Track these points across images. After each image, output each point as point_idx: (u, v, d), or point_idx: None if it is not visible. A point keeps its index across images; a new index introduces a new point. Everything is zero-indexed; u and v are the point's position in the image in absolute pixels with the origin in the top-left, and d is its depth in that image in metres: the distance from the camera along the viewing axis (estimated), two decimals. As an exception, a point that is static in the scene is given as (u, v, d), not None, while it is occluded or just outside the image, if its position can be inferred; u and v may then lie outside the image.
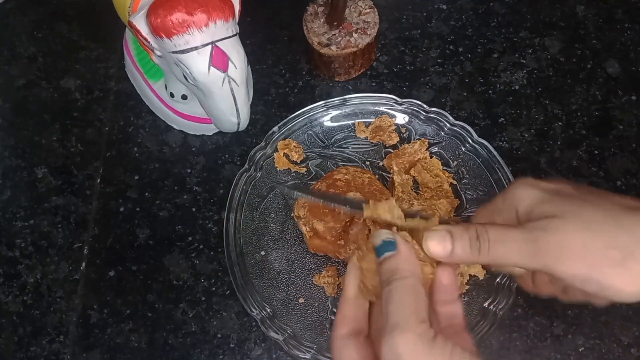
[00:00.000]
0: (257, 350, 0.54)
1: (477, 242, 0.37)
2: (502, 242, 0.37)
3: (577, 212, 0.37)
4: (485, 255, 0.37)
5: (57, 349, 0.54)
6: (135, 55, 0.62)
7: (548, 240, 0.36)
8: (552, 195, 0.38)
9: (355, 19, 0.62)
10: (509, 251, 0.37)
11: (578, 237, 0.36)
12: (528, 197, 0.39)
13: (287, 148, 0.59)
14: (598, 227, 0.36)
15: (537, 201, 0.38)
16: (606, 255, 0.36)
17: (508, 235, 0.37)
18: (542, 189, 0.39)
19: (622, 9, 0.68)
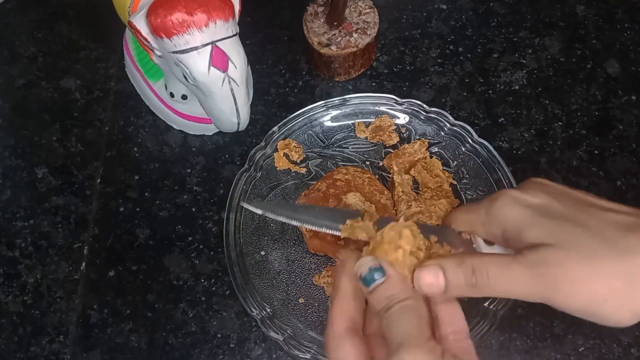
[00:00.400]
0: (257, 350, 0.54)
1: (473, 277, 0.37)
2: (502, 277, 0.37)
3: (574, 241, 0.37)
4: (484, 291, 0.37)
5: (57, 349, 0.54)
6: (135, 55, 0.62)
7: (556, 276, 0.36)
8: (540, 216, 0.38)
9: (355, 19, 0.62)
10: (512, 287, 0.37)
11: (580, 271, 0.36)
12: (516, 218, 0.38)
13: (287, 148, 0.59)
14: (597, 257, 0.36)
15: (527, 223, 0.38)
16: (607, 286, 0.36)
17: (510, 271, 0.37)
18: (529, 207, 0.38)
19: (622, 9, 0.68)
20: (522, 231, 0.38)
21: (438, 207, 0.54)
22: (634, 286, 0.36)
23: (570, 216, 0.38)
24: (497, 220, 0.39)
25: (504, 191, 0.40)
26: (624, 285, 0.36)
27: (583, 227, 0.37)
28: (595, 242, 0.36)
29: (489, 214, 0.40)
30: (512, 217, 0.39)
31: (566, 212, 0.38)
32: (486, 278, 0.36)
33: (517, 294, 0.37)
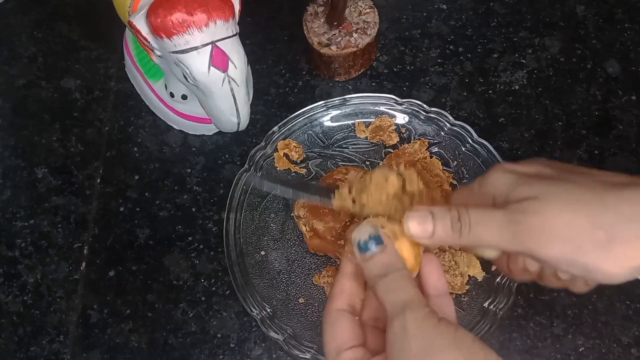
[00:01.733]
0: (257, 350, 0.54)
1: (458, 222, 0.37)
2: (483, 224, 0.36)
3: (557, 193, 0.36)
4: (466, 237, 0.37)
5: (57, 349, 0.54)
6: (135, 55, 0.62)
7: (530, 222, 0.35)
8: (529, 178, 0.37)
9: (355, 19, 0.62)
10: (489, 233, 0.36)
11: (561, 218, 0.35)
12: (505, 182, 0.38)
13: (287, 148, 0.59)
14: (581, 207, 0.35)
15: (514, 184, 0.37)
16: (591, 236, 0.35)
17: (489, 216, 0.37)
18: (519, 172, 0.38)
19: (622, 9, 0.68)
20: (509, 192, 0.37)
21: None
22: (619, 237, 0.34)
23: (560, 177, 0.37)
24: (487, 188, 0.39)
25: (497, 164, 0.40)
26: (608, 236, 0.34)
27: (571, 183, 0.36)
28: (579, 194, 0.36)
29: (481, 184, 0.39)
30: (501, 181, 0.38)
31: (557, 174, 0.37)
32: (468, 223, 0.36)
33: (497, 241, 0.36)
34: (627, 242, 0.35)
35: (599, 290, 0.55)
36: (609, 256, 0.35)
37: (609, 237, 0.34)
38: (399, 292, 0.36)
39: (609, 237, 0.34)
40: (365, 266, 0.38)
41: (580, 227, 0.35)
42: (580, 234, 0.35)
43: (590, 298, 0.55)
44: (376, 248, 0.37)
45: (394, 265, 0.37)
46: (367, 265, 0.38)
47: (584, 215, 0.35)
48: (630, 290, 0.55)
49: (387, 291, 0.36)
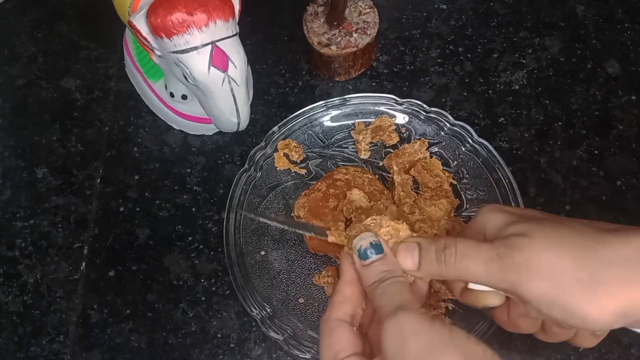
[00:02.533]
0: (257, 350, 0.54)
1: (443, 254, 0.37)
2: (469, 256, 0.37)
3: (545, 231, 0.36)
4: (452, 268, 0.37)
5: (57, 349, 0.54)
6: (135, 55, 0.62)
7: (515, 258, 0.36)
8: (520, 217, 0.38)
9: (355, 19, 0.62)
10: (474, 265, 0.37)
11: (546, 256, 0.35)
12: (496, 220, 0.39)
13: (287, 148, 0.59)
14: (567, 247, 0.35)
15: (505, 223, 0.38)
16: (574, 276, 0.35)
17: (476, 248, 0.37)
18: (510, 212, 0.39)
19: (622, 9, 0.68)
20: (500, 230, 0.38)
21: (438, 206, 0.55)
22: (601, 280, 0.34)
23: (551, 219, 0.38)
24: (479, 226, 0.40)
25: (486, 205, 0.41)
26: (590, 278, 0.34)
27: (559, 224, 0.37)
28: (565, 234, 0.36)
29: (472, 226, 0.41)
30: (492, 220, 0.39)
31: (548, 217, 0.38)
32: (454, 256, 0.37)
33: (480, 274, 0.37)
34: (608, 286, 0.34)
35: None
36: (590, 298, 0.34)
37: (590, 279, 0.34)
38: (394, 296, 0.37)
39: (591, 279, 0.34)
40: (363, 272, 0.39)
41: (564, 266, 0.35)
42: (564, 274, 0.35)
43: (590, 298, 0.55)
44: (376, 256, 0.39)
45: (392, 272, 0.38)
46: (366, 271, 0.39)
47: (569, 255, 0.35)
48: (630, 290, 0.55)
49: (383, 295, 0.37)
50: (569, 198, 0.58)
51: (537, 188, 0.59)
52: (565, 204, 0.58)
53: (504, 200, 0.55)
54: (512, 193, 0.55)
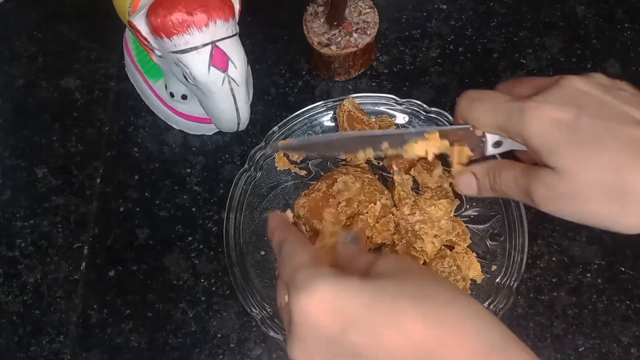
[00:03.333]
0: (257, 350, 0.54)
1: (494, 183, 0.43)
2: (508, 186, 0.42)
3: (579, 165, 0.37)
4: (501, 194, 0.43)
5: (57, 349, 0.54)
6: (135, 55, 0.62)
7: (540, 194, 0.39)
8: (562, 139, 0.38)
9: (355, 18, 0.62)
10: (513, 194, 0.42)
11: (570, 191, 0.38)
12: (539, 138, 0.39)
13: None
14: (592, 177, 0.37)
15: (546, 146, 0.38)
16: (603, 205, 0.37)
17: (513, 179, 0.41)
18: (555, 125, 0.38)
19: (622, 9, 0.68)
20: (541, 153, 0.39)
21: (438, 206, 0.54)
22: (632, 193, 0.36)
23: (593, 134, 0.38)
24: (523, 135, 0.40)
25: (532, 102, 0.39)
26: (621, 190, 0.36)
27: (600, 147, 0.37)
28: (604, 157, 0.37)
29: (516, 125, 0.40)
30: (536, 136, 0.39)
31: (591, 130, 0.38)
32: (500, 184, 0.42)
33: (519, 199, 0.42)
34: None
35: (598, 290, 0.55)
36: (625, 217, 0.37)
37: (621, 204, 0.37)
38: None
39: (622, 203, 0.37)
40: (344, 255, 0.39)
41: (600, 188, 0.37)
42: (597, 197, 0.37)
43: (590, 298, 0.55)
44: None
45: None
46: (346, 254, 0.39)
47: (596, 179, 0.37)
48: (630, 290, 0.55)
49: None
50: (569, 198, 0.58)
51: (537, 188, 0.59)
52: (565, 204, 0.58)
53: (503, 200, 0.55)
54: (512, 193, 0.55)
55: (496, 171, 0.42)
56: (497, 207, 0.56)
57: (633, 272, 0.55)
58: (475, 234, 0.56)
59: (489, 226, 0.56)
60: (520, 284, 0.53)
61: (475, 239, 0.56)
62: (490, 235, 0.56)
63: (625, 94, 0.40)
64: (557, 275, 0.56)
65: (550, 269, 0.56)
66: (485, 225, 0.56)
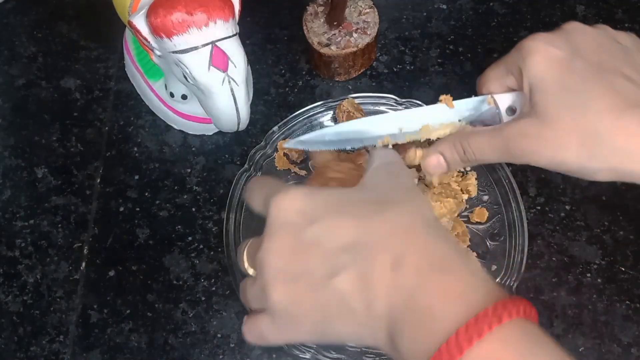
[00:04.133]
0: (257, 350, 0.54)
1: (464, 155, 0.44)
2: (483, 151, 0.43)
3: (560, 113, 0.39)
4: (474, 161, 0.44)
5: (57, 349, 0.54)
6: (135, 55, 0.62)
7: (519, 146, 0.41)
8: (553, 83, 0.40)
9: (355, 18, 0.62)
10: (489, 157, 0.43)
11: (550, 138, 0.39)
12: (537, 69, 0.40)
13: (287, 148, 0.59)
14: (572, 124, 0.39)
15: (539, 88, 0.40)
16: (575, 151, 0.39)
17: (487, 143, 0.42)
18: (555, 61, 0.40)
19: (622, 9, 0.68)
20: (533, 89, 0.40)
21: (443, 204, 0.54)
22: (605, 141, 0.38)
23: (583, 78, 0.39)
24: (522, 67, 0.41)
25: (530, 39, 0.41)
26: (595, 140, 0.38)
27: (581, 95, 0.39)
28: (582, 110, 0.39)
29: (518, 57, 0.42)
30: (533, 71, 0.40)
31: (582, 74, 0.39)
32: (471, 153, 0.43)
33: (492, 158, 0.43)
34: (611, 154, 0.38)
35: (598, 290, 0.55)
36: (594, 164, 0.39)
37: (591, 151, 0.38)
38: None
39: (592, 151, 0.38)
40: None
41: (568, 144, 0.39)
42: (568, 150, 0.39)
43: (590, 298, 0.55)
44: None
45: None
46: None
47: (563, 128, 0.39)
48: (630, 290, 0.55)
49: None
50: (569, 198, 0.58)
51: (537, 188, 0.59)
52: (565, 204, 0.58)
53: (503, 200, 0.55)
54: (512, 193, 0.55)
55: (463, 141, 0.43)
56: (497, 207, 0.56)
57: (633, 272, 0.55)
58: (475, 234, 0.56)
59: (489, 226, 0.56)
60: (520, 284, 0.53)
61: (475, 239, 0.55)
62: (490, 235, 0.56)
63: (623, 49, 0.42)
64: (557, 275, 0.56)
65: (550, 269, 0.56)
66: (485, 225, 0.56)
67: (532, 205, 0.58)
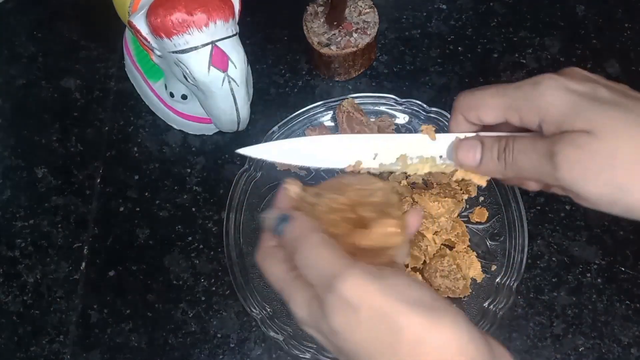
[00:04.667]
0: (257, 350, 0.54)
1: (504, 153, 0.36)
2: (524, 154, 0.35)
3: (611, 127, 0.33)
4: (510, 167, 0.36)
5: (57, 349, 0.54)
6: (135, 55, 0.62)
7: (567, 155, 0.33)
8: (586, 103, 0.34)
9: (355, 18, 0.62)
10: (528, 165, 0.35)
11: (606, 156, 0.33)
12: (561, 105, 0.35)
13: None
14: (628, 143, 0.33)
15: (572, 112, 0.34)
16: (632, 172, 0.32)
17: (531, 147, 0.35)
18: (575, 92, 0.35)
19: (622, 9, 0.68)
20: (564, 121, 0.34)
21: (442, 203, 0.54)
22: None
23: (614, 101, 0.34)
24: (539, 106, 0.35)
25: (547, 75, 0.36)
26: None
27: (627, 111, 0.33)
28: (632, 129, 0.33)
29: (529, 98, 0.36)
30: (557, 104, 0.35)
31: (613, 98, 0.34)
32: (511, 154, 0.36)
33: (533, 173, 0.35)
34: None
35: (598, 290, 0.55)
36: None
37: None
38: (315, 262, 0.33)
39: None
40: (284, 245, 0.35)
41: (621, 165, 0.33)
42: (621, 173, 0.33)
43: (590, 298, 0.55)
44: (285, 224, 0.35)
45: (302, 234, 0.34)
46: (284, 245, 0.35)
47: (626, 151, 0.33)
48: (630, 290, 0.55)
49: (306, 267, 0.33)
50: (569, 198, 0.58)
51: (537, 188, 0.59)
52: (565, 204, 0.58)
53: (503, 200, 0.55)
54: (512, 193, 0.55)
55: (509, 139, 0.36)
56: (497, 207, 0.56)
57: (633, 272, 0.55)
58: (475, 234, 0.56)
59: (489, 226, 0.56)
60: (520, 284, 0.53)
61: (475, 239, 0.56)
62: (490, 235, 0.56)
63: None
64: (557, 275, 0.56)
65: (550, 269, 0.56)
66: (485, 225, 0.56)
67: (532, 205, 0.58)
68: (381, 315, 0.31)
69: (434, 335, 0.31)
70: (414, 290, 0.32)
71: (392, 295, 0.31)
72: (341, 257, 0.33)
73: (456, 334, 0.31)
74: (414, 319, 0.31)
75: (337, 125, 0.59)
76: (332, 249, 0.33)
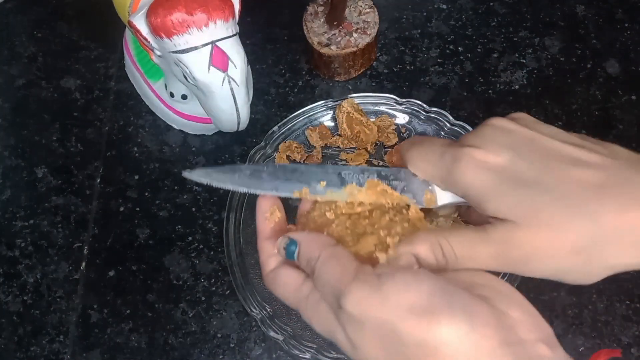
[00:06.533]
0: (257, 350, 0.54)
1: (443, 259, 0.37)
2: (472, 258, 0.37)
3: (537, 213, 0.35)
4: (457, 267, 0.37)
5: (57, 349, 0.54)
6: (135, 55, 0.62)
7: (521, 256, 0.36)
8: (503, 185, 0.36)
9: (355, 18, 0.62)
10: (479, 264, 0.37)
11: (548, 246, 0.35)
12: (479, 186, 0.36)
13: (289, 150, 0.59)
14: (564, 229, 0.35)
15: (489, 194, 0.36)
16: (576, 254, 0.35)
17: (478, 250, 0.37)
18: (491, 170, 0.36)
19: (622, 8, 0.68)
20: (484, 202, 0.36)
21: None
22: (599, 245, 0.35)
23: (534, 179, 0.35)
24: (459, 184, 0.37)
25: (465, 151, 0.37)
26: (590, 246, 0.35)
27: (547, 194, 0.35)
28: (559, 211, 0.35)
29: (451, 174, 0.37)
30: (475, 185, 0.36)
31: (530, 174, 0.36)
32: (454, 259, 0.37)
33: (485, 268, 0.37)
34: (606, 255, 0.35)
35: (598, 290, 0.55)
36: (592, 264, 0.36)
37: (591, 246, 0.35)
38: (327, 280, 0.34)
39: (590, 245, 0.35)
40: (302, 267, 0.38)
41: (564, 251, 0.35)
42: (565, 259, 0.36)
43: (590, 298, 0.55)
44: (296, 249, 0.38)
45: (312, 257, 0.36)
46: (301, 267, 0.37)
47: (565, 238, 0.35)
48: (630, 290, 0.55)
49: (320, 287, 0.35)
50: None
51: (537, 188, 0.59)
52: (565, 204, 0.58)
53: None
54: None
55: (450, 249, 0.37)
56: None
57: (633, 272, 0.55)
58: (475, 234, 0.56)
59: (489, 226, 0.56)
60: (520, 284, 0.53)
61: (475, 239, 0.55)
62: (490, 235, 0.55)
63: (552, 129, 0.38)
64: (557, 275, 0.55)
65: (550, 269, 0.56)
66: (485, 225, 0.56)
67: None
68: (383, 325, 0.32)
69: (434, 335, 0.31)
70: (410, 292, 0.32)
71: (388, 303, 0.32)
72: (346, 272, 0.34)
73: (453, 328, 0.31)
74: (411, 323, 0.32)
75: (337, 125, 0.59)
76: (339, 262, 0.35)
